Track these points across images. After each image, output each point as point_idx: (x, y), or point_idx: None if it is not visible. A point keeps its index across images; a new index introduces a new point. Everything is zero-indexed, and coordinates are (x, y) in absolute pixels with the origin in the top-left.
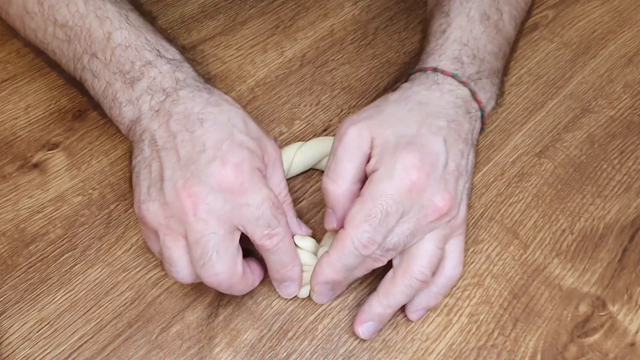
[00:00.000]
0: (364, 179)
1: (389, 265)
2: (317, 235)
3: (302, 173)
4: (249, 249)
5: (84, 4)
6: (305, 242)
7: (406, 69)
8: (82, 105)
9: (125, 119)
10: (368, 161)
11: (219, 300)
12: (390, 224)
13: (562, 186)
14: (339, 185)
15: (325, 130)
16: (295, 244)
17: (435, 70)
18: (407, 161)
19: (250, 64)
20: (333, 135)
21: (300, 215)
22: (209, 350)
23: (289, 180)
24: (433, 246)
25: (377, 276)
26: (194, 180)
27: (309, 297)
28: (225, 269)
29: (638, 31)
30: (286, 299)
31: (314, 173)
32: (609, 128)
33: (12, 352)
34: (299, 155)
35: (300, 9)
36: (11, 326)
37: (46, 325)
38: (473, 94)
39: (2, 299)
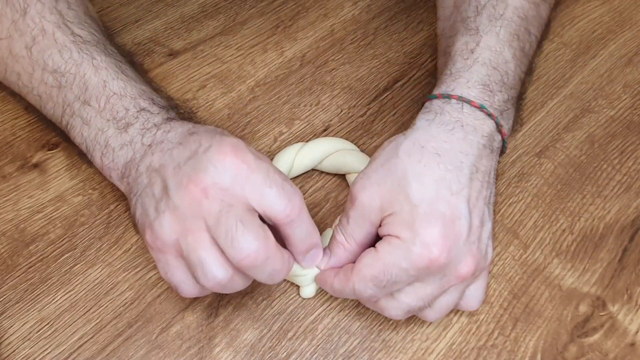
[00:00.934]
0: (371, 242)
1: None
2: None
3: (302, 174)
4: None
5: (77, 52)
6: None
7: (406, 69)
8: None
9: (119, 163)
10: (380, 224)
11: (219, 300)
12: (395, 289)
13: (562, 186)
14: (349, 243)
15: (325, 130)
16: None
17: (461, 99)
18: (428, 236)
19: (250, 64)
20: (333, 136)
21: None
22: (209, 350)
23: None
24: (454, 298)
25: None
26: (197, 171)
27: (309, 297)
28: (256, 235)
29: (638, 31)
30: (286, 299)
31: (313, 173)
32: (609, 128)
33: (12, 352)
34: (300, 157)
35: (300, 9)
36: (11, 326)
37: (46, 325)
38: (498, 127)
39: (2, 299)
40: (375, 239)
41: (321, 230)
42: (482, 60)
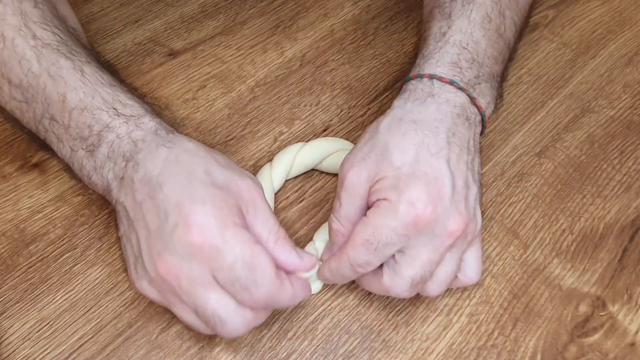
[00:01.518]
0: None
1: None
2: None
3: (302, 174)
4: None
5: (37, 61)
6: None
7: (406, 69)
8: None
9: (97, 186)
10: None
11: None
12: (388, 252)
13: (562, 186)
14: (343, 226)
15: (325, 130)
16: None
17: (431, 77)
18: (413, 194)
19: (250, 64)
20: (333, 136)
21: (300, 216)
22: (209, 350)
23: (290, 181)
24: (452, 266)
25: None
26: (166, 253)
27: (317, 293)
28: (235, 319)
29: (638, 31)
30: None
31: (314, 173)
32: (609, 128)
33: (12, 352)
34: (300, 156)
35: (300, 9)
36: (11, 326)
37: (46, 325)
38: (472, 100)
39: (2, 299)
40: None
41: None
42: (453, 42)
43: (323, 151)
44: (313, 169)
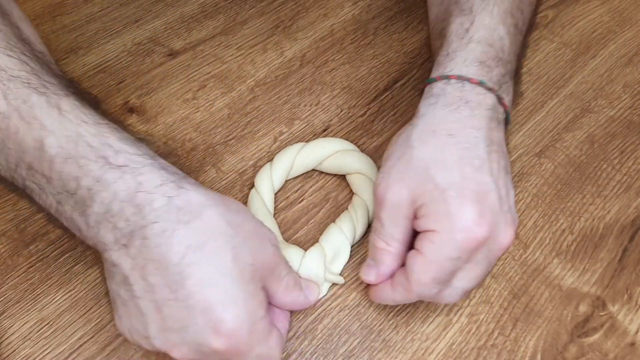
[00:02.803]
0: (410, 237)
1: None
2: (316, 235)
3: (302, 174)
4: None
5: (4, 99)
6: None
7: (407, 69)
8: None
9: (94, 241)
10: (415, 216)
11: None
12: (454, 276)
13: (562, 186)
14: (391, 246)
15: (325, 130)
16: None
17: (460, 78)
18: (466, 218)
19: (250, 64)
20: (333, 136)
21: (300, 216)
22: None
23: (290, 181)
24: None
25: None
26: (183, 346)
27: (322, 295)
28: None
29: (638, 31)
30: None
31: (314, 173)
32: (609, 128)
33: (12, 352)
34: (300, 157)
35: (300, 9)
36: (11, 326)
37: (46, 325)
38: (499, 99)
39: (2, 299)
40: (412, 233)
41: (323, 229)
42: (477, 39)
43: (323, 151)
44: (313, 169)
